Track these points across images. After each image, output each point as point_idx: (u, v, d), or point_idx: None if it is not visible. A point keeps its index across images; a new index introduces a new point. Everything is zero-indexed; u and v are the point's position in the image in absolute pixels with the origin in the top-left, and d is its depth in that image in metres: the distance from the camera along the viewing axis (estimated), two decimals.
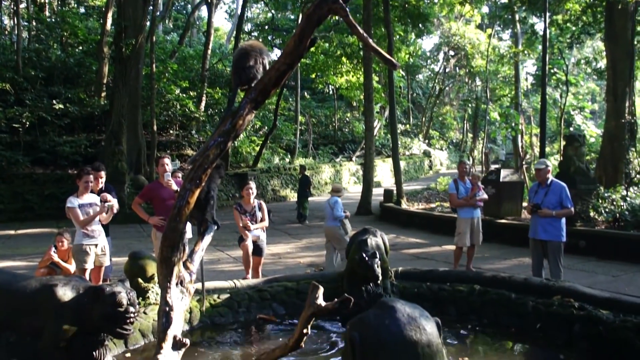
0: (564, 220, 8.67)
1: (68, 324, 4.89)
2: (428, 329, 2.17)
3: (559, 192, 8.61)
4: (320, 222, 19.63)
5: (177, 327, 3.18)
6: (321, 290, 3.09)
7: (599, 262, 11.60)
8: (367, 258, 6.91)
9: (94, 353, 5.07)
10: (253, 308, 7.41)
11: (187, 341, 3.12)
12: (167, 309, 3.17)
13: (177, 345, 3.08)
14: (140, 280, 6.75)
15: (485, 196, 10.83)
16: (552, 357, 6.07)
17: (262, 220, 9.39)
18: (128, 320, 4.97)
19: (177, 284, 3.28)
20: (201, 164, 3.16)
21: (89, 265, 7.69)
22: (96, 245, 7.80)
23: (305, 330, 3.04)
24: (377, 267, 6.92)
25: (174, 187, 7.99)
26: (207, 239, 3.59)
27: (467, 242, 10.54)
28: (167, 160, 8.42)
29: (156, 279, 6.74)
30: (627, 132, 18.72)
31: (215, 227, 3.66)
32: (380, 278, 7.03)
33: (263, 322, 7.19)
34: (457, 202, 10.73)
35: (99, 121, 25.59)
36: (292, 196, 26.97)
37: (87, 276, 7.63)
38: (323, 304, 3.03)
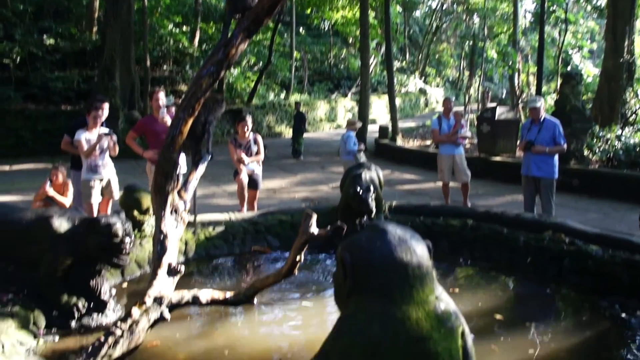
0: (556, 157, 8.68)
1: (64, 255, 4.96)
2: (418, 251, 2.19)
3: (552, 129, 8.59)
4: (315, 158, 19.72)
5: (172, 254, 3.22)
6: (314, 217, 3.12)
7: (591, 200, 11.70)
8: (361, 192, 6.94)
9: (91, 283, 5.15)
10: (248, 240, 7.50)
11: (182, 268, 3.17)
12: (162, 236, 3.21)
13: (172, 272, 3.13)
14: (135, 212, 6.79)
15: (468, 134, 10.85)
16: (540, 290, 6.18)
17: (257, 153, 9.36)
18: (124, 251, 5.02)
19: (171, 213, 3.30)
20: (194, 93, 3.14)
21: (95, 199, 7.73)
22: (101, 179, 7.81)
23: (298, 258, 3.09)
24: (371, 200, 6.97)
25: (169, 122, 7.93)
26: (201, 168, 3.60)
27: (448, 178, 10.63)
28: (161, 95, 8.35)
29: (151, 211, 6.82)
30: (625, 71, 18.55)
31: (210, 157, 3.65)
32: (374, 212, 7.09)
33: (257, 254, 7.29)
34: (438, 138, 10.77)
35: (91, 57, 25.18)
36: (287, 132, 26.87)
37: (95, 210, 7.68)
38: (316, 231, 3.07)
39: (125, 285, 6.19)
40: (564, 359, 4.46)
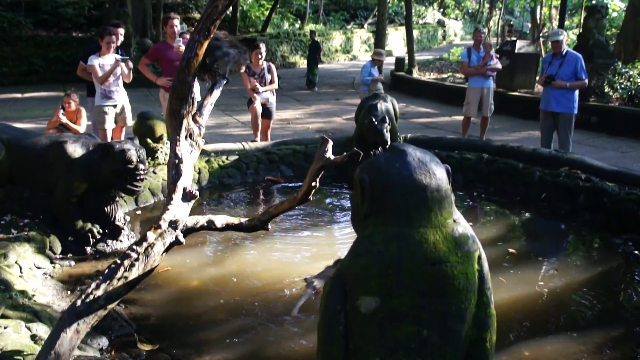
0: (577, 92, 8.54)
1: (78, 180, 5.01)
2: (438, 174, 2.19)
3: (574, 63, 8.42)
4: (330, 90, 19.59)
5: (187, 179, 3.23)
6: (330, 143, 3.11)
7: (609, 138, 11.58)
8: (376, 122, 6.91)
9: (105, 209, 5.22)
10: (261, 170, 7.56)
11: (197, 193, 3.19)
12: (177, 161, 3.21)
13: (187, 196, 3.14)
14: (149, 140, 6.82)
15: (499, 66, 10.59)
16: (554, 226, 6.20)
17: (271, 82, 9.27)
18: (138, 177, 5.08)
19: (186, 137, 3.29)
20: (209, 15, 3.08)
21: (109, 125, 7.71)
22: (115, 105, 7.78)
23: (313, 184, 3.10)
24: (386, 131, 6.93)
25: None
26: (217, 93, 3.57)
27: (474, 112, 10.49)
28: (176, 22, 8.22)
29: (165, 139, 6.85)
30: None
31: (225, 82, 3.62)
32: (389, 143, 7.07)
33: (271, 183, 7.35)
34: (467, 70, 10.58)
35: None
36: (302, 63, 26.56)
37: (108, 137, 7.70)
38: (332, 157, 3.06)
39: (139, 212, 6.29)
40: (573, 294, 4.51)
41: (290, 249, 5.31)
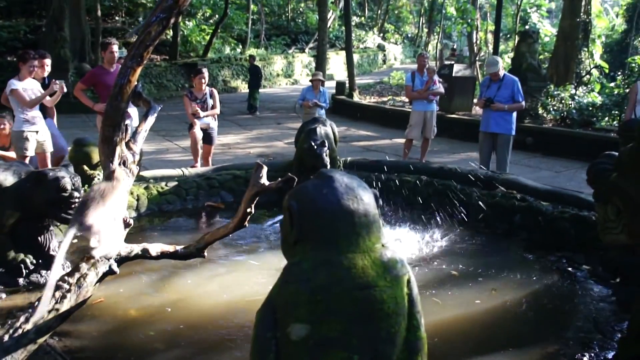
0: (515, 114, 8.86)
1: (10, 210, 4.84)
2: (365, 199, 2.22)
3: (511, 87, 8.73)
4: (271, 114, 19.61)
5: (122, 208, 3.18)
6: (265, 169, 3.12)
7: (544, 158, 11.96)
8: (315, 146, 6.92)
9: (38, 238, 5.07)
10: (201, 196, 7.49)
11: (131, 221, 3.14)
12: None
13: (122, 224, 3.09)
14: (85, 167, 6.68)
15: (442, 90, 10.84)
16: (492, 246, 6.31)
17: (213, 107, 9.25)
18: (72, 206, 4.94)
19: (119, 165, 3.25)
20: (142, 41, 3.06)
21: (30, 152, 7.49)
22: (37, 132, 7.57)
23: (249, 210, 3.09)
24: (326, 156, 6.94)
25: None
26: (151, 119, 3.55)
27: (417, 135, 10.70)
28: (115, 47, 8.10)
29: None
30: (581, 31, 18.82)
31: (159, 108, 3.59)
32: (329, 167, 7.10)
33: (211, 210, 7.28)
34: (411, 94, 10.81)
35: (38, 5, 24.38)
36: (243, 87, 26.57)
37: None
38: (267, 183, 3.07)
39: (75, 241, 6.09)
40: (511, 312, 4.61)
41: (227, 275, 5.25)
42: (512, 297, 4.83)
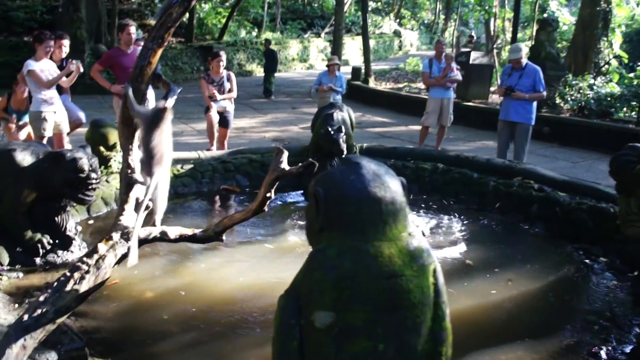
0: (535, 103, 8.75)
1: (28, 189, 4.87)
2: (392, 186, 2.18)
3: (533, 76, 8.62)
4: (286, 98, 19.55)
5: (139, 189, 3.17)
6: (285, 154, 3.09)
7: (561, 148, 11.83)
8: (332, 132, 6.89)
9: (55, 219, 5.09)
10: (217, 179, 7.50)
11: (150, 204, 3.12)
12: (129, 171, 3.15)
13: (139, 207, 3.08)
14: (102, 148, 6.69)
15: (459, 77, 10.74)
16: (508, 236, 6.27)
17: (230, 91, 9.22)
18: (90, 186, 4.97)
19: (138, 146, 3.23)
20: (163, 23, 3.04)
21: (48, 132, 7.51)
22: (55, 112, 7.58)
23: (268, 194, 3.07)
24: (343, 141, 6.91)
25: None
26: (171, 101, 3.52)
27: (433, 122, 10.63)
28: (132, 29, 8.06)
29: (118, 147, 6.72)
30: (601, 20, 18.54)
31: (179, 90, 3.57)
32: (345, 153, 7.05)
33: (226, 193, 7.28)
34: (428, 81, 10.74)
35: None
36: (259, 71, 26.49)
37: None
38: (287, 168, 3.04)
39: (91, 222, 6.14)
40: (527, 303, 4.58)
41: (244, 260, 5.25)
42: (528, 288, 4.80)
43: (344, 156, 7.01)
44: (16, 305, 4.12)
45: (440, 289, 2.22)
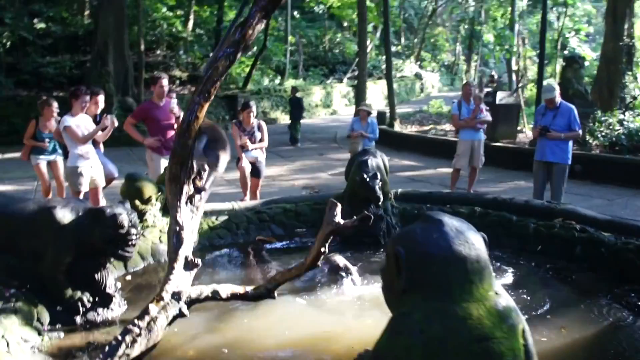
0: (571, 143, 8.65)
1: (68, 247, 4.83)
2: (476, 243, 2.10)
3: (567, 114, 8.53)
4: (312, 145, 19.60)
5: (188, 246, 3.10)
6: (339, 207, 3.02)
7: (594, 186, 11.64)
8: (368, 179, 6.83)
9: (95, 276, 5.03)
10: (251, 230, 7.41)
11: (199, 261, 3.06)
12: (178, 228, 3.10)
13: (189, 265, 3.01)
14: (137, 202, 6.66)
15: (489, 118, 10.69)
16: (553, 279, 6.09)
17: (261, 140, 9.24)
18: (130, 242, 4.91)
19: (186, 203, 3.18)
20: (210, 77, 3.02)
21: (85, 187, 7.56)
22: (91, 167, 7.64)
23: (322, 249, 2.99)
24: (379, 188, 6.86)
25: (176, 109, 7.82)
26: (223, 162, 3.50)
27: (464, 164, 10.54)
28: (164, 81, 8.15)
29: (153, 200, 6.70)
30: (625, 55, 18.45)
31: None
32: (382, 199, 6.97)
33: (262, 244, 7.19)
34: (458, 123, 10.71)
35: (83, 41, 24.91)
36: (283, 118, 26.71)
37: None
38: (342, 222, 2.96)
39: (128, 277, 6.08)
40: (582, 352, 4.39)
41: (290, 313, 5.11)
42: (582, 336, 4.62)
43: (379, 205, 6.94)
44: None
45: (530, 351, 2.11)
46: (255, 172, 9.15)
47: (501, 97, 16.05)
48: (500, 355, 1.99)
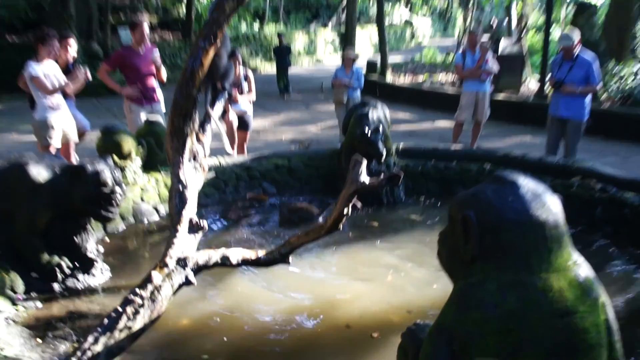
0: (589, 97, 8.47)
1: (44, 208, 4.68)
2: (554, 207, 2.00)
3: (586, 67, 8.26)
4: (298, 96, 19.44)
5: (192, 207, 2.98)
6: (364, 164, 2.89)
7: (606, 142, 11.57)
8: (369, 133, 6.71)
9: (75, 239, 4.90)
10: (241, 187, 7.32)
11: (205, 224, 2.94)
12: (181, 187, 2.96)
13: (193, 228, 2.89)
14: (115, 157, 6.50)
15: (495, 68, 10.53)
16: (574, 242, 6.04)
17: (249, 91, 9.07)
18: (113, 202, 4.78)
19: (189, 159, 3.04)
20: (216, 19, 2.85)
21: (56, 142, 7.29)
22: (61, 119, 7.38)
23: (345, 211, 2.87)
24: (381, 143, 6.75)
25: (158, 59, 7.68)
26: (219, 106, 3.34)
27: (468, 117, 10.45)
28: (146, 26, 7.82)
29: (133, 155, 6.55)
30: (637, 1, 18.29)
31: (227, 94, 3.40)
32: (384, 155, 6.85)
33: (254, 202, 7.09)
34: (461, 73, 10.59)
35: None
36: (263, 67, 26.43)
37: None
38: (367, 180, 2.84)
39: (108, 240, 5.95)
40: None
41: (293, 279, 5.01)
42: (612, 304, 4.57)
43: (381, 162, 6.82)
44: (39, 341, 3.91)
45: (612, 326, 2.02)
46: (243, 124, 9.01)
47: (504, 45, 15.89)
48: (584, 331, 1.90)
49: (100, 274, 5.01)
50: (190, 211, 2.95)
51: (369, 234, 6.16)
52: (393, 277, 4.96)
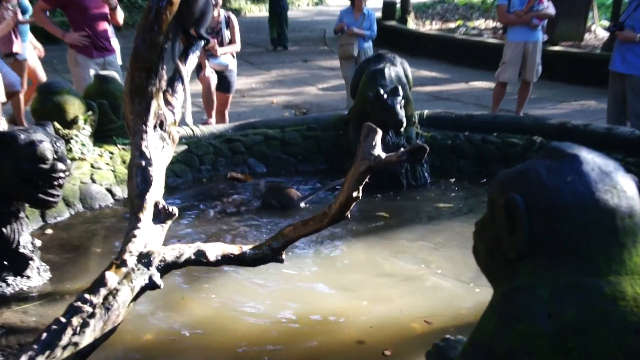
0: None
1: None
2: (628, 191, 1.97)
3: None
4: (294, 47, 19.37)
5: (159, 189, 2.98)
6: (379, 135, 2.88)
7: None
8: (385, 95, 6.70)
9: (4, 230, 4.91)
10: (221, 164, 7.35)
11: (176, 210, 2.95)
12: (144, 163, 2.95)
13: (160, 215, 2.90)
14: (57, 124, 6.50)
15: (551, 10, 10.38)
16: None
17: (231, 42, 9.05)
18: (55, 182, 4.77)
19: (155, 127, 3.05)
20: None
21: None
22: None
23: (355, 194, 2.87)
24: (400, 108, 6.73)
25: None
26: (192, 59, 3.34)
27: (513, 76, 10.38)
28: None
29: (80, 123, 6.56)
30: None
31: (203, 43, 3.40)
32: (404, 124, 6.83)
33: (235, 184, 7.12)
34: (507, 17, 10.39)
35: None
36: (249, 9, 26.40)
37: None
38: (383, 155, 2.84)
39: (49, 231, 5.97)
40: None
41: (265, 285, 5.04)
42: None
43: (400, 132, 6.83)
44: None
45: None
46: (224, 84, 9.02)
47: None
48: None
49: (37, 276, 5.03)
50: (155, 194, 2.95)
51: (382, 226, 6.18)
52: (411, 279, 4.99)
